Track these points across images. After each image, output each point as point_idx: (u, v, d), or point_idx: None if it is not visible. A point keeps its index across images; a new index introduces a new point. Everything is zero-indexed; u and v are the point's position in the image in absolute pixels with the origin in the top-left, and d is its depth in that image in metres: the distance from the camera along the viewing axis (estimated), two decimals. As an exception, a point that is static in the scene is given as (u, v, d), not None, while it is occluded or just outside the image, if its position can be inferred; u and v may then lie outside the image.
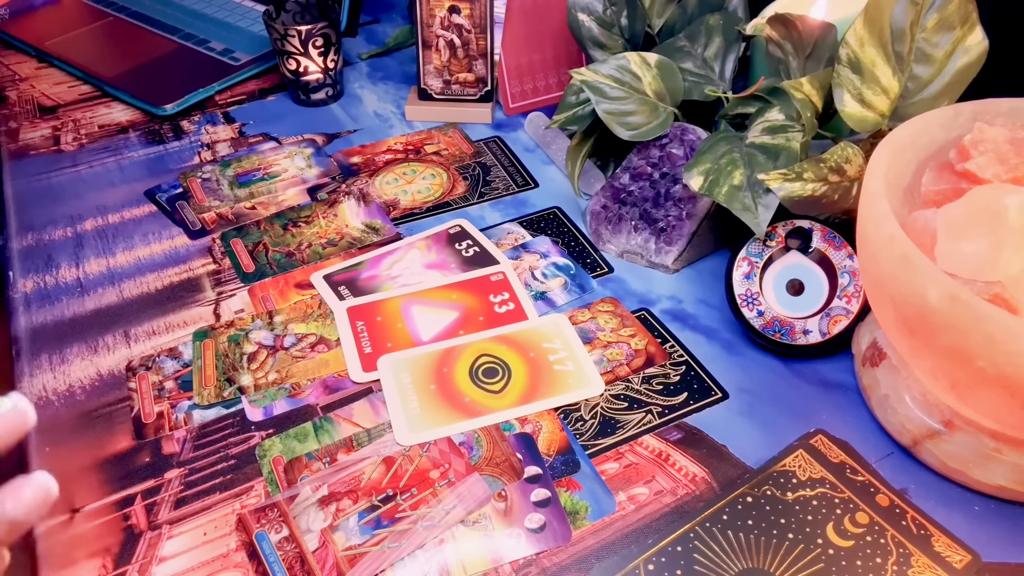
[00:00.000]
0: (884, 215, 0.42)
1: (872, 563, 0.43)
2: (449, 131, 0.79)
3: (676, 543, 0.44)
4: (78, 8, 0.97)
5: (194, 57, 0.87)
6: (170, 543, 0.44)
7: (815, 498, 0.46)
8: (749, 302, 0.56)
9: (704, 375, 0.54)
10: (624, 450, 0.49)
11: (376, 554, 0.44)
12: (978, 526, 0.45)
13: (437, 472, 0.47)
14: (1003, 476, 0.45)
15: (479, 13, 0.74)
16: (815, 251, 0.56)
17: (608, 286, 0.61)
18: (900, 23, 0.53)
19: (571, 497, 0.46)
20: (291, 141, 0.77)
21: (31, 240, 0.65)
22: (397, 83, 0.87)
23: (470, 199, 0.70)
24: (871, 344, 0.52)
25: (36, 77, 0.86)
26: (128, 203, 0.69)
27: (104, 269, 0.62)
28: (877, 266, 0.42)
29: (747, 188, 0.55)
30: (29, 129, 0.78)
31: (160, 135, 0.78)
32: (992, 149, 0.45)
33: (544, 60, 0.80)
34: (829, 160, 0.52)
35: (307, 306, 0.59)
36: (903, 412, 0.48)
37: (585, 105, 0.67)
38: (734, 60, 0.66)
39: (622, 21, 0.71)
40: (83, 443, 0.49)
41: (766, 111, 0.58)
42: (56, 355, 0.55)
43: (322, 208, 0.69)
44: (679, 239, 0.61)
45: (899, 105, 0.55)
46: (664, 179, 0.62)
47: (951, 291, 0.37)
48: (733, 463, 0.48)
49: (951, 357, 0.39)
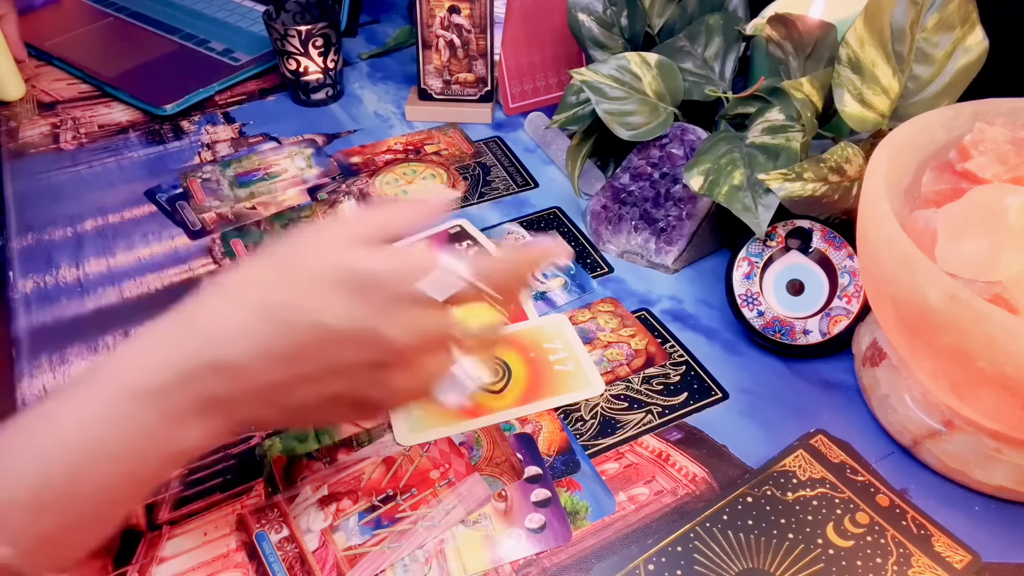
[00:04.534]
0: (884, 215, 0.41)
1: (872, 563, 0.43)
2: (449, 131, 0.79)
3: (676, 543, 0.44)
4: (78, 8, 0.97)
5: (194, 57, 0.87)
6: (170, 543, 0.44)
7: (815, 498, 0.46)
8: (749, 302, 0.56)
9: (704, 375, 0.54)
10: (624, 450, 0.49)
11: (376, 554, 0.44)
12: (978, 526, 0.45)
13: (437, 472, 0.47)
14: (1003, 476, 0.45)
15: (479, 13, 0.74)
16: (815, 251, 0.56)
17: (608, 286, 0.61)
18: (900, 23, 0.53)
19: (571, 497, 0.46)
20: (291, 141, 0.77)
21: (31, 240, 0.65)
22: (397, 83, 0.87)
23: (470, 199, 0.70)
24: (871, 344, 0.52)
25: (36, 76, 0.86)
26: (128, 203, 0.69)
27: (104, 269, 0.62)
28: (877, 266, 0.42)
29: (747, 188, 0.55)
30: (28, 127, 0.78)
31: (160, 135, 0.78)
32: (992, 149, 0.45)
33: (544, 60, 0.80)
34: (829, 160, 0.52)
35: (307, 306, 0.59)
36: (903, 412, 0.48)
37: (585, 105, 0.67)
38: (734, 60, 0.66)
39: (622, 21, 0.71)
40: (83, 443, 0.49)
41: (766, 111, 0.58)
42: (56, 355, 0.55)
43: (322, 208, 0.69)
44: (679, 239, 0.61)
45: (899, 105, 0.55)
46: (664, 179, 0.62)
47: (951, 291, 0.37)
48: (733, 463, 0.48)
49: (951, 357, 0.39)
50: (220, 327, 0.34)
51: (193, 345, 0.34)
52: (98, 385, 0.34)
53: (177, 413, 0.34)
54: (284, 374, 0.34)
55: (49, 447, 0.33)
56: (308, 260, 0.35)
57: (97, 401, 0.33)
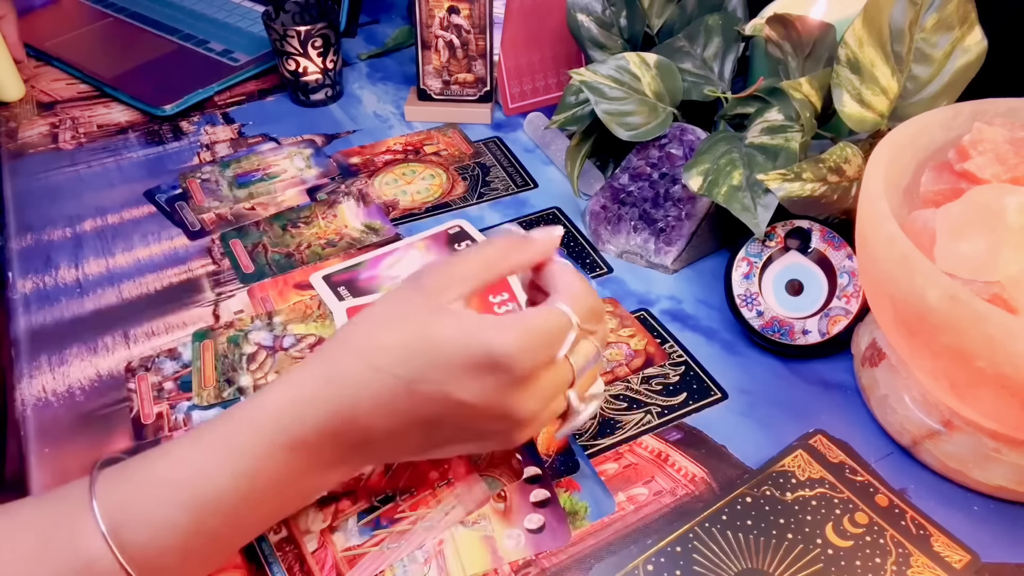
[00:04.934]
0: (883, 215, 0.42)
1: (871, 563, 0.43)
2: (448, 131, 0.79)
3: (675, 543, 0.44)
4: (78, 8, 0.97)
5: (193, 57, 0.87)
6: (169, 544, 0.44)
7: (814, 498, 0.46)
8: (748, 302, 0.56)
9: (703, 375, 0.54)
10: (623, 450, 0.49)
11: (375, 555, 0.43)
12: (977, 526, 0.45)
13: (436, 473, 0.47)
14: (1002, 476, 0.45)
15: (478, 13, 0.74)
16: (814, 251, 0.56)
17: (607, 286, 0.61)
18: (899, 23, 0.53)
19: (570, 497, 0.46)
20: (290, 142, 0.77)
21: (30, 240, 0.65)
22: (396, 83, 0.87)
23: (469, 199, 0.70)
24: (870, 344, 0.52)
25: (35, 77, 0.86)
26: (127, 204, 0.69)
27: (103, 270, 0.62)
28: (876, 266, 0.42)
29: (746, 188, 0.55)
30: (27, 127, 0.78)
31: (159, 135, 0.78)
32: (991, 149, 0.45)
33: (543, 60, 0.80)
34: (828, 160, 0.52)
35: (306, 307, 0.59)
36: (902, 412, 0.48)
37: (584, 105, 0.67)
38: (733, 60, 0.66)
39: (621, 21, 0.71)
40: (82, 444, 0.49)
41: (765, 111, 0.58)
42: (55, 356, 0.55)
43: (321, 209, 0.69)
44: (678, 239, 0.61)
45: (898, 105, 0.55)
46: (663, 179, 0.62)
47: (950, 291, 0.37)
48: (732, 463, 0.48)
49: (950, 357, 0.39)
50: (365, 397, 0.36)
51: (342, 410, 0.37)
52: (248, 437, 0.36)
53: (326, 464, 0.38)
54: (421, 436, 0.39)
55: (208, 502, 0.35)
56: (439, 333, 0.36)
57: (251, 456, 0.36)
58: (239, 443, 0.36)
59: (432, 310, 0.37)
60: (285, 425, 0.36)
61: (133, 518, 0.34)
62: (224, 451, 0.36)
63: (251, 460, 0.36)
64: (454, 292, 0.38)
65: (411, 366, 0.36)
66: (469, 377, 0.36)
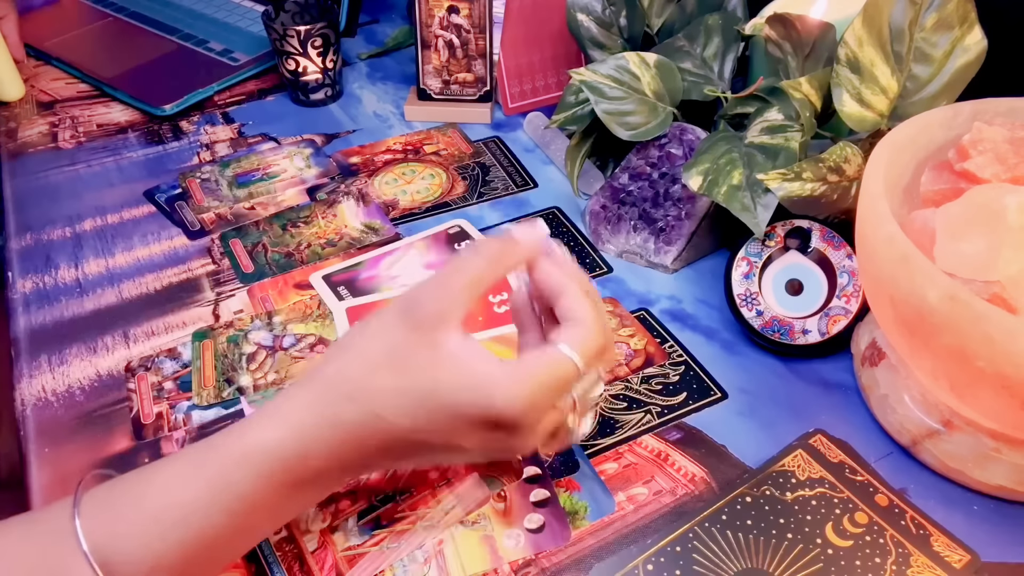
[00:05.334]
0: (883, 215, 0.41)
1: (871, 563, 0.43)
2: (448, 131, 0.79)
3: (675, 543, 0.44)
4: (78, 8, 0.97)
5: (193, 57, 0.87)
6: (169, 544, 0.44)
7: (814, 498, 0.46)
8: (748, 302, 0.56)
9: (703, 375, 0.54)
10: (623, 450, 0.49)
11: (375, 554, 0.43)
12: (977, 526, 0.45)
13: (436, 473, 0.47)
14: (1002, 476, 0.45)
15: (478, 13, 0.74)
16: (814, 251, 0.56)
17: (607, 286, 0.61)
18: (899, 23, 0.53)
19: (570, 497, 0.46)
20: (290, 141, 0.77)
21: (30, 240, 0.65)
22: (396, 83, 0.87)
23: (469, 199, 0.70)
24: (870, 344, 0.52)
25: (35, 76, 0.86)
26: (127, 203, 0.69)
27: (103, 270, 0.62)
28: (876, 266, 0.42)
29: (746, 188, 0.55)
30: (27, 126, 0.78)
31: (159, 135, 0.78)
32: (991, 149, 0.45)
33: (543, 60, 0.80)
34: (828, 160, 0.52)
35: (306, 306, 0.59)
36: (902, 412, 0.48)
37: (584, 105, 0.67)
38: (733, 60, 0.66)
39: (621, 21, 0.71)
40: (82, 444, 0.49)
41: (765, 111, 0.58)
42: (55, 356, 0.55)
43: (321, 208, 0.69)
44: (678, 239, 0.61)
45: (898, 105, 0.55)
46: (663, 179, 0.62)
47: (950, 291, 0.37)
48: (732, 463, 0.48)
49: (950, 357, 0.39)
50: (371, 445, 0.37)
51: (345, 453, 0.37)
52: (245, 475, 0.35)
53: (325, 492, 0.40)
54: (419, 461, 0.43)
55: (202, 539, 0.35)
56: (442, 383, 0.36)
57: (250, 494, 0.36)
58: (235, 481, 0.35)
59: (431, 351, 0.36)
60: (290, 467, 0.36)
61: (120, 556, 0.34)
62: (219, 490, 0.35)
63: (249, 499, 0.35)
64: (450, 322, 0.36)
65: (415, 415, 0.36)
66: (473, 431, 0.36)
